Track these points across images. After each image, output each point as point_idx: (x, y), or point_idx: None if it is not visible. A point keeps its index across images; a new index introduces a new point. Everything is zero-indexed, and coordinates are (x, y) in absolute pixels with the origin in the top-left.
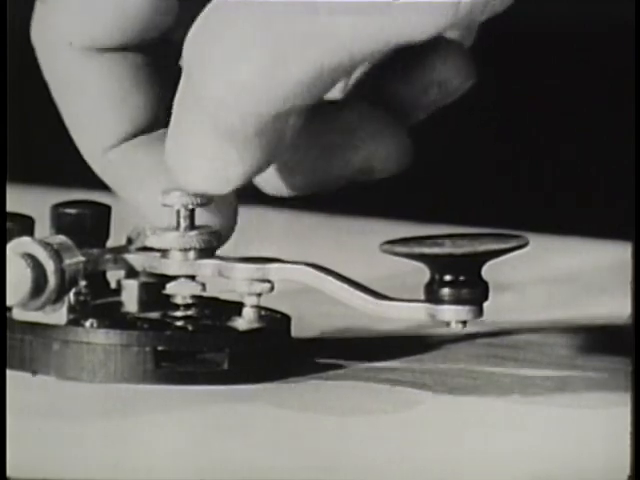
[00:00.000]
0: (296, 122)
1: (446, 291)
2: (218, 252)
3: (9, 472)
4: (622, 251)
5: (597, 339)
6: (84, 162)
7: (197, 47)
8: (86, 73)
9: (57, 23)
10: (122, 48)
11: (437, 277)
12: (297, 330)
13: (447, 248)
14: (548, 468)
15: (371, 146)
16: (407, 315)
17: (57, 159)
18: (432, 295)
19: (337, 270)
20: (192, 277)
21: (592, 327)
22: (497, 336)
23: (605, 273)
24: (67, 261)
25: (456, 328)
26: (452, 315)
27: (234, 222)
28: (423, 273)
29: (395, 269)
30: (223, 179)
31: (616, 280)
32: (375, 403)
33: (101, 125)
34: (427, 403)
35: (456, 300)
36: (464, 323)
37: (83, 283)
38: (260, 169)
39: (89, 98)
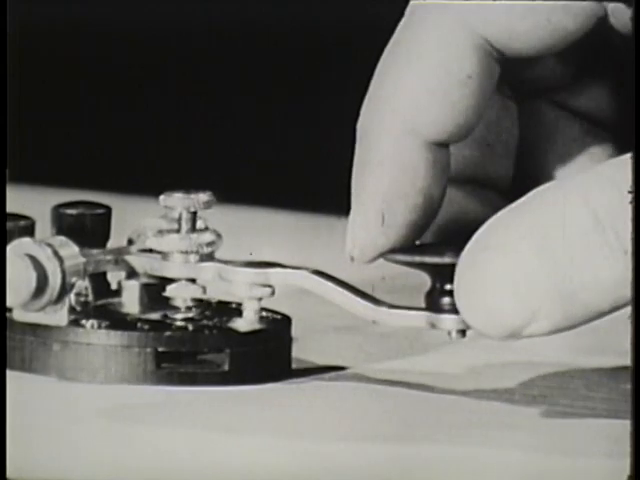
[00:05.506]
0: None
1: (447, 300)
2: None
3: (9, 472)
4: None
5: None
6: (84, 162)
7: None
8: (415, 161)
9: (401, 111)
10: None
11: (438, 286)
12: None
13: (448, 257)
14: (548, 468)
15: None
16: (407, 323)
17: (57, 159)
18: (433, 304)
19: (337, 271)
20: (193, 280)
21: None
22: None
23: None
24: (68, 262)
25: (456, 337)
26: (452, 324)
27: None
28: (422, 277)
29: (395, 271)
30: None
31: None
32: (376, 403)
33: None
34: (427, 403)
35: (456, 309)
36: (464, 332)
37: (84, 284)
38: None
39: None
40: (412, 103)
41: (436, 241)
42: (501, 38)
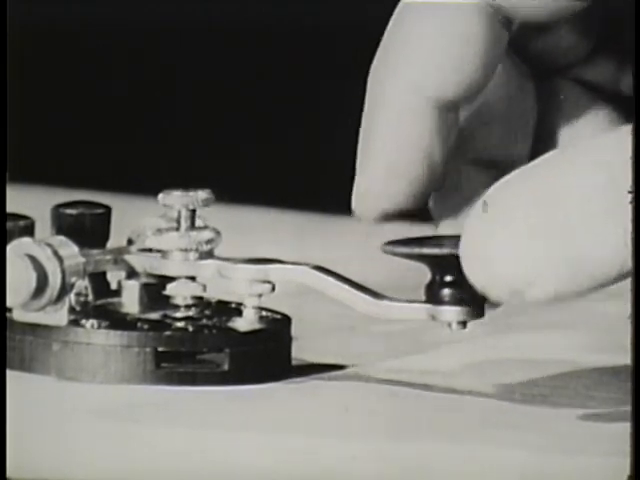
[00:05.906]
0: None
1: (447, 292)
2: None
3: (9, 472)
4: None
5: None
6: (84, 162)
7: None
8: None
9: (409, 72)
10: (455, 105)
11: (438, 278)
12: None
13: (448, 248)
14: (548, 467)
15: None
16: (408, 316)
17: (57, 159)
18: (433, 296)
19: (337, 270)
20: (192, 278)
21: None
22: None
23: None
24: (68, 262)
25: (457, 329)
26: (453, 316)
27: None
28: (424, 273)
29: (395, 269)
30: None
31: None
32: (376, 402)
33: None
34: (427, 402)
35: (457, 301)
36: (464, 324)
37: (84, 284)
38: None
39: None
40: (417, 63)
41: (435, 234)
42: (507, 2)
